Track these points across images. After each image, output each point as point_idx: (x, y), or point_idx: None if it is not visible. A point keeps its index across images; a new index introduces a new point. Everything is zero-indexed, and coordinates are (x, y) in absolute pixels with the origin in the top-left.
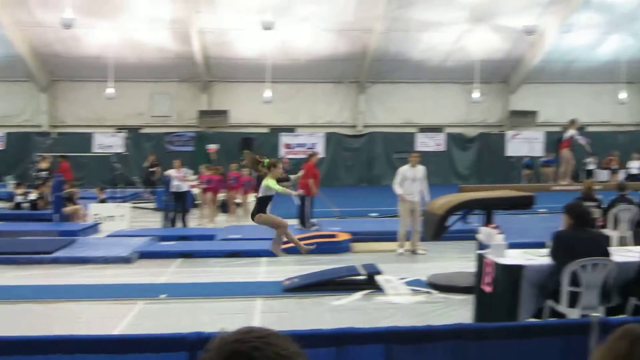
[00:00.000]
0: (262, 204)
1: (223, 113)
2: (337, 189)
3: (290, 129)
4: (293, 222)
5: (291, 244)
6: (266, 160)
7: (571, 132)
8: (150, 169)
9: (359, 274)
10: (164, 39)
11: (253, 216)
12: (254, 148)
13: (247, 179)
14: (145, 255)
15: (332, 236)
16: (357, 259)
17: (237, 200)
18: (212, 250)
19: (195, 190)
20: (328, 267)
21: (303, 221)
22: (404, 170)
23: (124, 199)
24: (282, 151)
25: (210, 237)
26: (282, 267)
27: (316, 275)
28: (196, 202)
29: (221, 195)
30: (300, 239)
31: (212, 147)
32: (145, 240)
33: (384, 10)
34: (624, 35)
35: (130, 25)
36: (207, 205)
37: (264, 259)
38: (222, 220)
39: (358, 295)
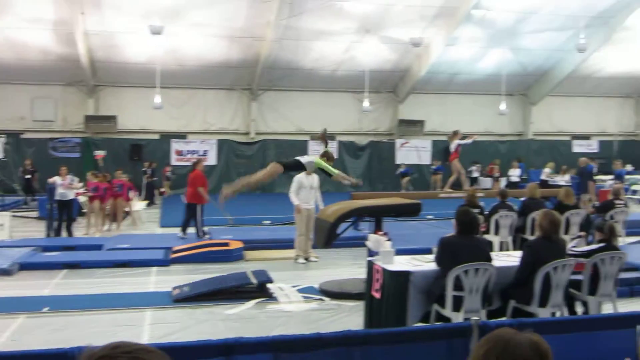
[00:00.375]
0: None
1: (111, 118)
2: (240, 196)
3: (181, 136)
4: (176, 230)
5: (183, 254)
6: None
7: (456, 142)
8: (26, 176)
9: (251, 283)
10: (47, 41)
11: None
12: (144, 155)
13: (129, 185)
14: (26, 266)
15: (225, 244)
16: (249, 267)
17: (126, 209)
18: (99, 260)
19: (82, 199)
20: (219, 274)
21: (184, 229)
22: (301, 178)
23: (4, 208)
24: (173, 158)
25: (97, 247)
26: (173, 276)
27: (206, 284)
28: (83, 210)
29: (109, 204)
30: (192, 248)
31: (99, 153)
32: (26, 251)
33: (275, 18)
34: (504, 49)
35: (11, 25)
36: (94, 213)
37: (154, 269)
38: (110, 229)
39: (250, 303)
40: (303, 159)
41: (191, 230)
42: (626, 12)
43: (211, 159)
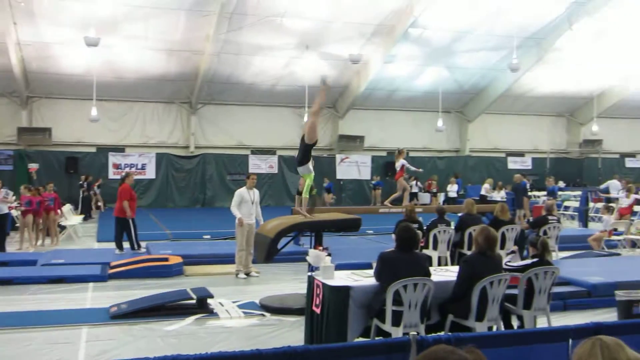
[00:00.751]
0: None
1: (45, 130)
2: (170, 210)
3: (119, 149)
4: (114, 245)
5: (121, 269)
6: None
7: (402, 161)
8: None
9: (190, 298)
10: None
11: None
12: (80, 168)
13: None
14: None
15: (164, 259)
16: (189, 282)
17: (61, 223)
18: (33, 276)
19: (15, 212)
20: (158, 291)
21: (119, 245)
22: (242, 192)
23: None
24: (111, 171)
25: (31, 263)
26: (111, 292)
27: (145, 300)
28: (16, 225)
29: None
30: (130, 263)
31: (33, 166)
32: None
33: (214, 32)
34: (440, 67)
35: None
36: (28, 228)
37: (90, 285)
38: (43, 244)
39: (190, 320)
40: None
41: (127, 244)
42: (556, 34)
43: (150, 173)
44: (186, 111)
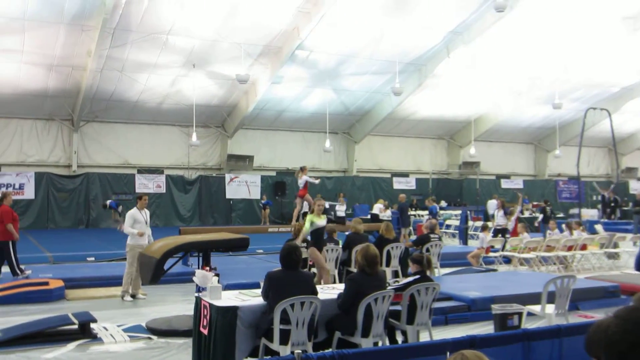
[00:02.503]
0: None
1: None
2: (51, 232)
3: None
4: None
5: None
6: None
7: (305, 178)
8: None
9: (71, 323)
10: None
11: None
12: None
13: None
14: None
15: (44, 284)
16: (71, 307)
17: None
18: None
19: None
20: (38, 317)
21: (12, 269)
22: (135, 213)
23: None
24: None
25: None
26: None
27: (22, 327)
28: None
29: None
30: (7, 288)
31: None
32: None
33: (96, 48)
34: (327, 89)
35: None
36: None
37: None
38: None
39: (71, 346)
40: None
41: (6, 269)
42: (435, 61)
43: (28, 193)
44: (68, 129)
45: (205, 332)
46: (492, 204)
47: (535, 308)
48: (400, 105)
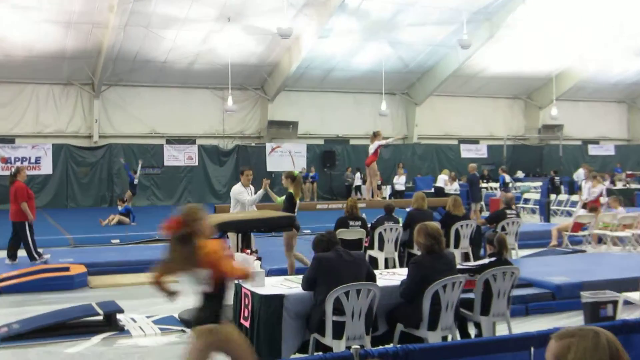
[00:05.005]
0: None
1: None
2: (71, 211)
3: (8, 140)
4: (2, 254)
5: (11, 282)
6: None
7: (377, 143)
8: None
9: (96, 313)
10: None
11: None
12: None
13: None
14: None
15: (64, 269)
16: (95, 296)
17: None
18: None
19: None
20: (58, 307)
21: (12, 254)
22: (240, 190)
23: None
24: None
25: None
26: (1, 310)
27: (42, 318)
28: None
29: None
30: (23, 275)
31: None
32: None
33: (119, 2)
34: (382, 43)
35: None
36: None
37: None
38: None
39: (96, 339)
40: None
41: (22, 253)
42: (509, 8)
43: (45, 168)
44: (88, 94)
45: (247, 324)
46: (580, 174)
47: (634, 295)
48: (469, 61)
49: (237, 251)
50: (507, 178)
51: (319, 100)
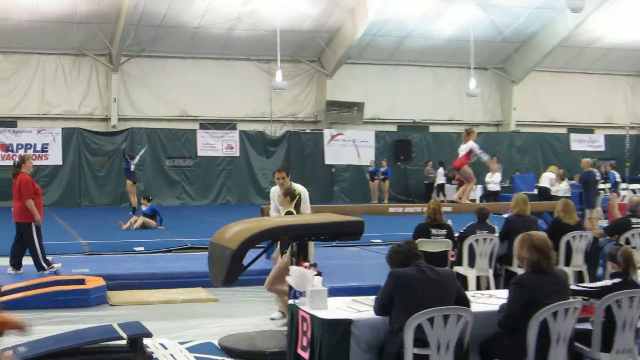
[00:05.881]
0: None
1: None
2: (85, 211)
3: (8, 122)
4: (5, 261)
5: (15, 296)
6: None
7: (471, 143)
8: None
9: (118, 337)
10: None
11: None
12: None
13: None
14: None
15: (79, 282)
16: (116, 315)
17: None
18: None
19: None
20: (72, 328)
21: (15, 261)
22: (274, 194)
23: None
24: None
25: None
26: None
27: (53, 341)
28: None
29: None
30: (29, 287)
31: None
32: None
33: None
34: (470, 5)
35: None
36: None
37: None
38: None
39: None
40: None
41: (28, 261)
42: None
43: (54, 157)
44: (104, 67)
45: (306, 355)
46: None
47: None
48: (580, 27)
49: (292, 264)
50: (618, 177)
51: (390, 76)
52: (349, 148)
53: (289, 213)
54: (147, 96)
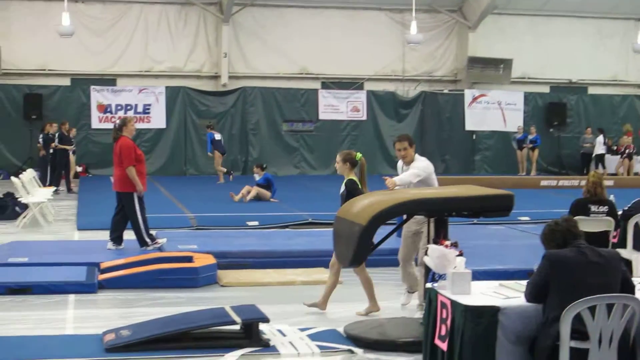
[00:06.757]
0: None
1: None
2: (191, 180)
3: (107, 81)
4: (104, 235)
5: (117, 274)
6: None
7: None
8: None
9: (231, 322)
10: None
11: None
12: (45, 110)
13: None
14: None
15: (186, 260)
16: (228, 297)
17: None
18: None
19: None
20: (179, 310)
21: (116, 236)
22: (399, 168)
23: None
24: (94, 117)
25: None
26: (102, 310)
27: (159, 325)
28: None
29: None
30: (131, 264)
31: None
32: None
33: None
34: None
35: None
36: None
37: (70, 298)
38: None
39: (232, 356)
40: None
41: (130, 235)
42: None
43: (157, 119)
44: (214, 18)
45: (444, 346)
46: None
47: None
48: None
49: (429, 242)
50: None
51: (542, 29)
52: (494, 111)
53: (350, 182)
54: (262, 51)
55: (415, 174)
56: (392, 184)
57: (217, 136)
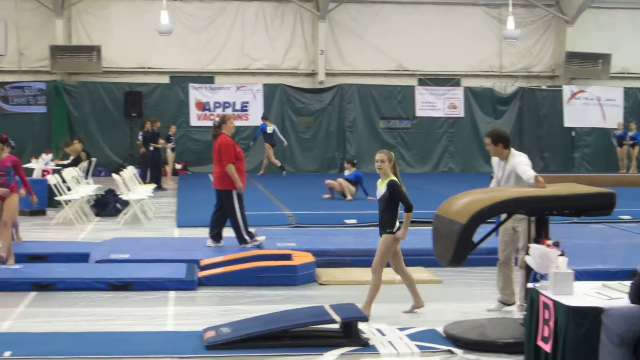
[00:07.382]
0: None
1: (92, 50)
2: (289, 177)
3: (205, 78)
4: (204, 232)
5: (216, 271)
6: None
7: None
8: None
9: (331, 321)
10: None
11: None
12: (144, 109)
13: None
14: None
15: (284, 257)
16: (327, 295)
17: (124, 197)
18: (84, 278)
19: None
20: (278, 308)
21: (215, 234)
22: (494, 165)
23: None
24: (193, 114)
25: (81, 257)
26: (202, 307)
27: (258, 322)
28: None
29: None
30: (230, 262)
31: None
32: None
33: None
34: None
35: None
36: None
37: (171, 295)
38: (98, 226)
39: (332, 355)
40: None
41: (229, 233)
42: None
43: (255, 117)
44: (310, 15)
45: (547, 347)
46: None
47: None
48: None
49: (530, 242)
50: None
51: None
52: (593, 107)
53: (393, 184)
54: (358, 48)
55: (530, 166)
56: (542, 184)
57: (270, 129)
